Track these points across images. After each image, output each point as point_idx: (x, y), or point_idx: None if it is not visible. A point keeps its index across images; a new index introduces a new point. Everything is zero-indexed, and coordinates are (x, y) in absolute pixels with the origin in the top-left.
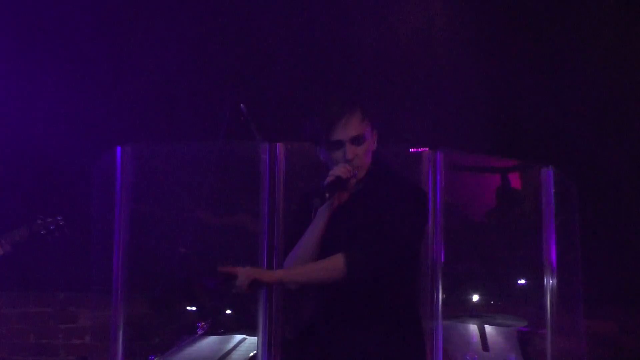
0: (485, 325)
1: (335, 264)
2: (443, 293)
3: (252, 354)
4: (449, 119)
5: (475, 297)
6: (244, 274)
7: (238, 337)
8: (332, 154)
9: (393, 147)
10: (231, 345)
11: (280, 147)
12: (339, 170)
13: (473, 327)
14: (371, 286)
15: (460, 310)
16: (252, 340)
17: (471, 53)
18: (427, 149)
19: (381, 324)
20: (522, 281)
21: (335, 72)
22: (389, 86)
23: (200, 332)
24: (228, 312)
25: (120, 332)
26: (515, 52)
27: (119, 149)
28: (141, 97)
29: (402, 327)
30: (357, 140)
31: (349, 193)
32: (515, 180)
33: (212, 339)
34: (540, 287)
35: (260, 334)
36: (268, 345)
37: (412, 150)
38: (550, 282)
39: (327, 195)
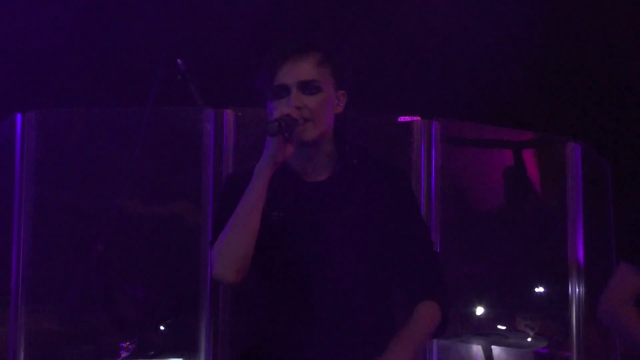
0: (492, 346)
1: (435, 314)
2: None
3: None
4: (447, 82)
5: (480, 310)
6: None
7: None
8: (276, 103)
9: (376, 116)
10: None
11: (228, 114)
12: (286, 109)
13: (477, 348)
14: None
15: (461, 326)
16: None
17: None
18: (419, 117)
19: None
20: (540, 289)
21: (301, 20)
22: (371, 42)
23: (124, 354)
24: (160, 329)
25: (21, 354)
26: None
27: (19, 116)
28: (48, 50)
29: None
30: (307, 87)
31: (293, 147)
32: (532, 159)
33: None
34: (564, 296)
35: (203, 357)
36: None
37: (400, 119)
38: (576, 289)
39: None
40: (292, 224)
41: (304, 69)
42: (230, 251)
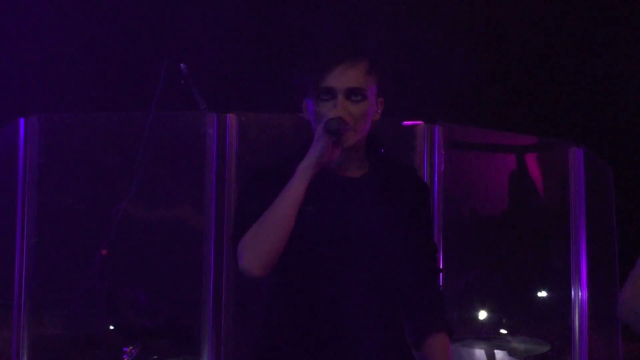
0: (495, 350)
1: (447, 346)
2: None
3: None
4: (450, 86)
5: (483, 314)
6: None
7: None
8: (319, 105)
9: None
10: None
11: (231, 118)
12: (339, 112)
13: (480, 352)
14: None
15: (464, 330)
16: None
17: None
18: (422, 122)
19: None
20: (543, 293)
21: (304, 24)
22: (375, 45)
23: (127, 359)
24: (163, 333)
25: (25, 359)
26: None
27: (21, 121)
28: (51, 55)
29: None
30: (354, 94)
31: (340, 151)
32: (535, 163)
33: None
34: (567, 300)
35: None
36: None
37: (404, 123)
38: (579, 294)
39: (329, 132)
40: (324, 219)
41: (353, 76)
42: (263, 246)
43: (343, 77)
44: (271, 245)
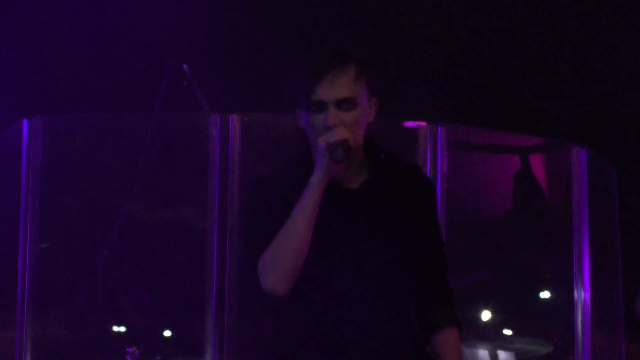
0: (498, 351)
1: (458, 341)
2: None
3: None
4: (453, 87)
5: (487, 315)
6: None
7: None
8: (312, 117)
9: (382, 121)
10: None
11: (234, 119)
12: (341, 134)
13: (483, 353)
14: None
15: (467, 331)
16: None
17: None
18: (425, 123)
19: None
20: (546, 294)
21: (306, 25)
22: (376, 47)
23: (130, 359)
24: (166, 333)
25: (28, 359)
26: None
27: (25, 122)
28: (54, 56)
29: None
30: (344, 104)
31: (345, 164)
32: (538, 164)
33: None
34: (570, 301)
35: None
36: None
37: (406, 124)
38: (582, 295)
39: (329, 157)
40: (325, 231)
41: (341, 86)
42: (287, 265)
43: (331, 89)
44: (293, 262)
